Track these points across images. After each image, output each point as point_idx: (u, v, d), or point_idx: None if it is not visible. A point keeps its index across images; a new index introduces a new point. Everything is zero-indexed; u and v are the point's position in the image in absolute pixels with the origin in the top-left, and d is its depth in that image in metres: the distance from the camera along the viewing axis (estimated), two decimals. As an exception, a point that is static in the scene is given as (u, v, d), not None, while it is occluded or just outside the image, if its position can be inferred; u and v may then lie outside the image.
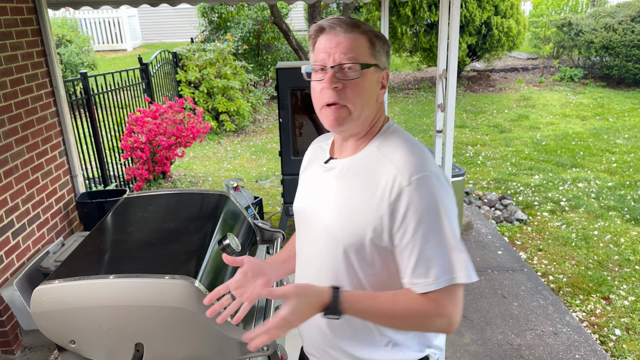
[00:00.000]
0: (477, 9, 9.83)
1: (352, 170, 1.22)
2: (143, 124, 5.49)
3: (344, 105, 1.17)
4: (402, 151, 1.17)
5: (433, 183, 1.12)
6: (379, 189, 1.14)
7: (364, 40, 1.18)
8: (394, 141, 1.21)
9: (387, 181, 1.14)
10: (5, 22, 3.04)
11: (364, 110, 1.19)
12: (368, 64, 1.17)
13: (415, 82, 11.42)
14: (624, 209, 4.89)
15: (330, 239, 1.21)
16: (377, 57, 1.19)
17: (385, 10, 3.89)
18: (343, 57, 1.15)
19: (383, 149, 1.20)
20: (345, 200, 1.20)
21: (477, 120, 8.48)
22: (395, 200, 1.12)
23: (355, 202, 1.17)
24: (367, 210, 1.15)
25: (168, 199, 2.15)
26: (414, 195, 1.10)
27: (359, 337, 1.25)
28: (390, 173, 1.14)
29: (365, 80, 1.17)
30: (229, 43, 8.56)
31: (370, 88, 1.19)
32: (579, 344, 3.02)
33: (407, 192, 1.11)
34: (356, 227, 1.16)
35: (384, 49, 1.21)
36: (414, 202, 1.10)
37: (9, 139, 3.02)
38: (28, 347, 3.11)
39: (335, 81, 1.15)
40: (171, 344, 1.52)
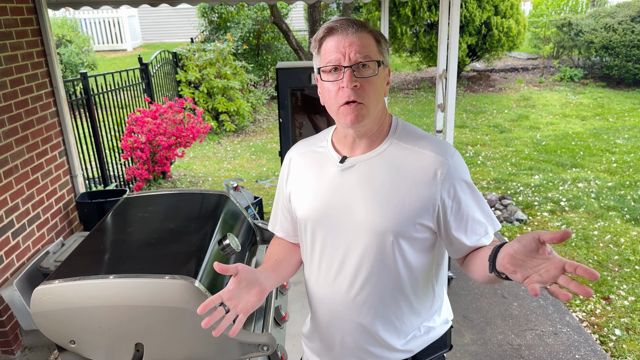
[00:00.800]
0: (477, 9, 9.83)
1: (379, 164, 1.26)
2: (143, 124, 5.49)
3: (362, 103, 1.21)
4: (425, 139, 1.28)
5: (461, 158, 1.29)
6: (422, 173, 1.23)
7: (372, 39, 1.22)
8: (411, 133, 1.30)
9: (429, 165, 1.23)
10: (5, 22, 3.04)
11: (377, 106, 1.25)
12: (379, 62, 1.22)
13: (415, 82, 11.42)
14: (624, 209, 4.89)
15: (373, 232, 1.24)
16: (383, 55, 1.24)
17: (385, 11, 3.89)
18: (359, 56, 1.19)
19: (404, 139, 1.28)
20: (384, 192, 1.24)
21: (477, 120, 8.48)
22: (445, 180, 1.22)
23: (397, 192, 1.23)
24: (414, 196, 1.22)
25: (168, 199, 2.15)
26: (457, 171, 1.24)
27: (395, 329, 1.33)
28: (429, 158, 1.23)
29: (378, 77, 1.22)
30: (229, 43, 8.56)
31: (381, 84, 1.24)
32: (579, 344, 3.02)
33: (452, 170, 1.23)
34: (405, 214, 1.22)
35: (386, 47, 1.27)
36: (459, 176, 1.24)
37: (9, 139, 3.02)
38: (28, 347, 3.11)
39: (354, 80, 1.19)
40: (171, 344, 1.52)
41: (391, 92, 10.71)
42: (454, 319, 3.26)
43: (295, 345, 3.02)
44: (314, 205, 1.32)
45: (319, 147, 1.38)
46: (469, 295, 3.55)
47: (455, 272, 3.82)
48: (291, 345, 3.01)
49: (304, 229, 1.36)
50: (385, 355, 1.35)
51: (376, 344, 1.33)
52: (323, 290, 1.34)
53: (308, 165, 1.37)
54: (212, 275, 1.58)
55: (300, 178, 1.38)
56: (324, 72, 1.23)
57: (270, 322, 1.67)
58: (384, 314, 1.30)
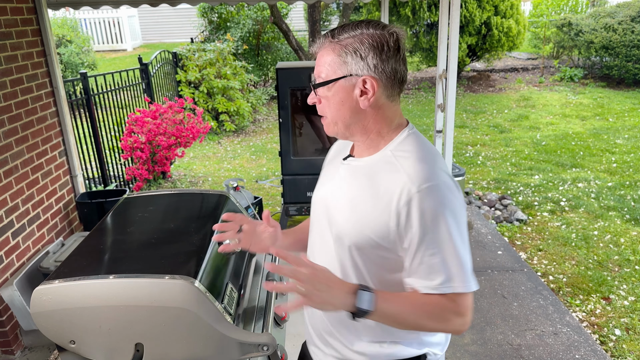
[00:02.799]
0: (477, 9, 9.83)
1: (364, 171, 1.25)
2: (143, 124, 5.49)
3: (325, 117, 1.26)
4: (414, 158, 1.19)
5: (442, 192, 1.14)
6: (388, 194, 1.16)
7: (331, 53, 1.20)
8: (409, 147, 1.22)
9: (397, 187, 1.16)
10: (5, 22, 3.04)
11: (339, 121, 1.23)
12: (329, 81, 1.20)
13: (415, 82, 11.43)
14: (623, 209, 4.89)
15: (337, 235, 1.25)
16: (349, 66, 1.18)
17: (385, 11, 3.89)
18: (315, 76, 1.23)
19: (397, 153, 1.22)
20: (354, 200, 1.23)
21: (477, 121, 8.48)
22: (403, 207, 1.14)
23: (364, 203, 1.20)
24: (374, 213, 1.18)
25: (168, 199, 2.15)
26: (422, 203, 1.13)
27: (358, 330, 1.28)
28: (401, 180, 1.16)
29: (333, 94, 1.21)
30: (228, 43, 8.56)
31: (339, 101, 1.21)
32: (578, 344, 3.02)
33: (415, 200, 1.13)
34: (361, 227, 1.19)
35: (360, 53, 1.17)
36: (422, 210, 1.13)
37: (9, 139, 3.02)
38: (28, 347, 3.11)
39: (313, 97, 1.26)
40: (171, 344, 1.52)
41: (391, 92, 10.70)
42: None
43: (295, 345, 3.02)
44: (316, 192, 1.39)
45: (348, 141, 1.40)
46: (469, 295, 3.55)
47: (455, 272, 3.82)
48: (291, 345, 3.01)
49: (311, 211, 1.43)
50: (339, 349, 1.33)
51: (332, 335, 1.33)
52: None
53: (335, 154, 1.43)
54: (212, 275, 1.58)
55: (328, 164, 1.44)
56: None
57: (270, 322, 1.67)
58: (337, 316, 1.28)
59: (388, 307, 1.14)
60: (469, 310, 1.18)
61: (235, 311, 1.63)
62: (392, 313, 1.15)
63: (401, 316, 1.16)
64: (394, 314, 1.15)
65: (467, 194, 5.40)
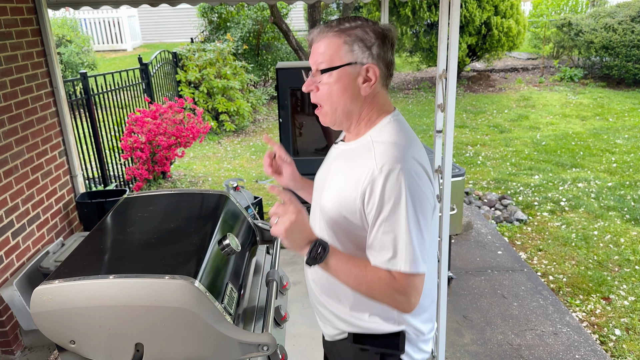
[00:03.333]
0: (477, 9, 9.83)
1: (346, 155, 1.36)
2: (143, 124, 5.49)
3: (321, 105, 1.32)
4: (387, 143, 1.27)
5: (403, 176, 1.21)
6: (358, 175, 1.26)
7: (336, 41, 1.25)
8: (386, 133, 1.30)
9: (366, 169, 1.25)
10: (5, 22, 3.04)
11: (338, 108, 1.30)
12: (334, 67, 1.26)
13: (415, 82, 11.43)
14: (623, 209, 4.89)
15: (321, 210, 1.37)
16: (355, 54, 1.25)
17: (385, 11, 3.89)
18: (314, 63, 1.28)
19: (375, 139, 1.30)
20: (334, 180, 1.35)
21: (477, 121, 8.49)
22: (366, 187, 1.24)
23: (340, 183, 1.31)
24: (346, 192, 1.28)
25: (168, 199, 2.15)
26: (383, 184, 1.21)
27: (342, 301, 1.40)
28: (370, 162, 1.25)
29: (336, 81, 1.27)
30: (228, 43, 8.56)
31: (342, 87, 1.27)
32: (578, 344, 3.02)
33: (378, 181, 1.22)
34: (337, 205, 1.31)
35: (367, 44, 1.25)
36: (382, 190, 1.21)
37: (9, 139, 3.02)
38: (28, 347, 3.11)
39: (310, 84, 1.30)
40: (171, 344, 1.52)
41: (391, 93, 10.71)
42: (455, 319, 3.26)
43: (295, 345, 3.02)
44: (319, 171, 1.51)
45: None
46: (469, 295, 3.55)
47: (455, 272, 3.82)
48: (291, 345, 3.01)
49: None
50: (329, 318, 1.46)
51: (324, 304, 1.46)
52: None
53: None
54: (212, 275, 1.58)
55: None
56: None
57: (270, 322, 1.66)
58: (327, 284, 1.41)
59: (336, 264, 1.26)
60: (414, 291, 1.24)
61: (235, 311, 1.63)
62: (339, 270, 1.26)
63: (347, 276, 1.26)
64: (341, 271, 1.26)
65: (467, 194, 5.40)
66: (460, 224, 4.27)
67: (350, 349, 1.44)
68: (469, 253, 4.14)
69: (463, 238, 4.39)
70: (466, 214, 4.75)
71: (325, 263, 1.26)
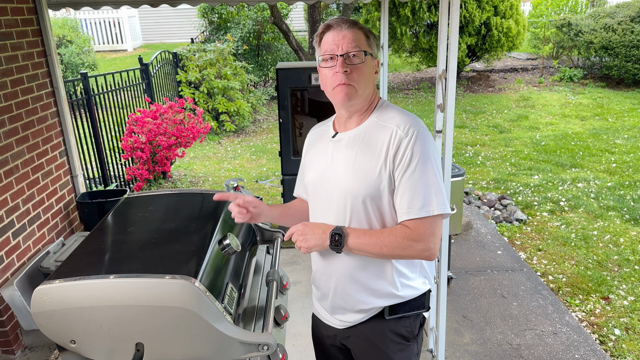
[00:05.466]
0: (476, 9, 9.83)
1: (358, 138, 1.51)
2: (143, 124, 5.50)
3: (351, 85, 1.47)
4: (398, 115, 1.50)
5: (424, 136, 1.45)
6: (384, 145, 1.45)
7: (362, 34, 1.49)
8: (390, 111, 1.53)
9: (389, 137, 1.45)
10: (6, 23, 3.04)
11: (366, 89, 1.50)
12: (367, 52, 1.48)
13: (415, 83, 11.43)
14: (623, 209, 4.89)
15: (349, 194, 1.48)
16: (372, 48, 1.51)
17: (384, 11, 3.89)
18: (350, 47, 1.45)
19: (382, 117, 1.51)
20: (357, 161, 1.48)
21: (477, 121, 8.49)
22: (397, 148, 1.43)
23: (365, 160, 1.47)
24: (375, 164, 1.45)
25: (168, 199, 2.16)
26: (410, 143, 1.42)
27: (381, 278, 1.54)
28: (391, 131, 1.46)
29: (366, 65, 1.48)
30: (229, 43, 8.56)
31: (369, 72, 1.50)
32: (578, 344, 3.03)
33: (405, 141, 1.43)
34: (369, 179, 1.45)
35: (375, 42, 1.54)
36: (410, 148, 1.42)
37: (10, 139, 3.02)
38: (28, 347, 3.11)
39: (345, 65, 1.46)
40: (171, 343, 1.52)
41: (391, 93, 10.72)
42: (454, 319, 3.27)
43: (295, 345, 3.02)
44: (313, 172, 1.62)
45: (325, 126, 1.68)
46: (469, 295, 3.56)
47: (455, 272, 3.83)
48: (291, 345, 3.02)
49: (308, 192, 1.67)
50: (366, 299, 1.56)
51: (359, 289, 1.55)
52: None
53: (316, 140, 1.68)
54: (212, 275, 1.59)
55: (310, 151, 1.69)
56: (323, 61, 1.49)
57: (270, 322, 1.67)
58: (363, 264, 1.52)
59: (356, 240, 1.45)
60: (432, 236, 1.42)
61: (236, 311, 1.63)
62: (359, 244, 1.45)
63: (368, 246, 1.45)
64: (362, 244, 1.45)
65: (466, 194, 5.41)
66: (459, 224, 4.27)
67: (380, 324, 1.58)
68: (468, 253, 4.14)
69: (463, 238, 4.39)
70: (466, 214, 4.76)
71: (346, 245, 1.45)
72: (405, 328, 1.60)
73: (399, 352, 1.60)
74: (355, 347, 1.67)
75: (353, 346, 1.67)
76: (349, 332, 1.65)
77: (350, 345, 1.68)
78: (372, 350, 1.62)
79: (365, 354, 1.65)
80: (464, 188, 4.58)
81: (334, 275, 1.58)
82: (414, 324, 1.61)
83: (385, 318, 1.57)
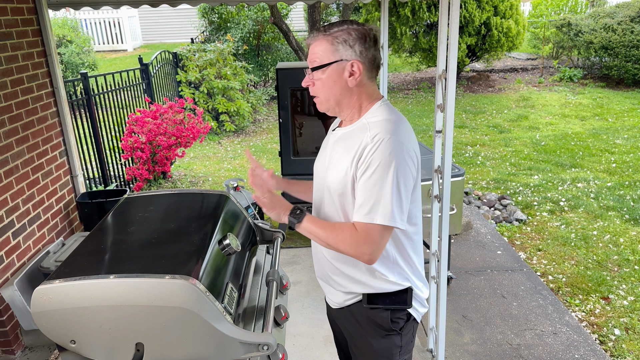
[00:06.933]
0: (476, 9, 9.83)
1: (344, 137, 1.59)
2: (143, 124, 5.50)
3: (317, 96, 1.57)
4: (380, 119, 1.52)
5: (391, 145, 1.44)
6: (356, 147, 1.50)
7: (324, 43, 1.51)
8: (378, 113, 1.55)
9: (361, 140, 1.49)
10: (6, 23, 3.04)
11: (331, 98, 1.55)
12: (323, 65, 1.51)
13: (415, 83, 11.43)
14: (623, 209, 4.90)
15: (327, 187, 1.59)
16: (340, 53, 1.50)
17: (384, 11, 3.89)
18: (311, 61, 1.53)
19: (369, 119, 1.54)
20: (336, 159, 1.57)
21: (477, 121, 8.49)
22: (361, 153, 1.47)
23: (342, 159, 1.54)
24: (346, 164, 1.51)
25: (168, 199, 2.16)
26: (372, 150, 1.45)
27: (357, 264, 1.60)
28: (365, 135, 1.50)
29: (327, 76, 1.52)
30: (229, 43, 8.56)
31: (332, 81, 1.52)
32: (578, 344, 3.03)
33: (368, 147, 1.46)
34: (340, 177, 1.53)
35: (349, 43, 1.49)
36: (371, 155, 1.45)
37: (10, 139, 3.03)
38: (28, 347, 3.11)
39: (308, 80, 1.56)
40: (171, 343, 1.52)
41: (391, 93, 10.72)
42: (454, 319, 3.27)
43: (295, 345, 3.03)
44: (317, 159, 1.73)
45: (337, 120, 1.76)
46: (469, 295, 3.56)
47: (455, 272, 3.83)
48: (291, 345, 3.02)
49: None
50: (342, 282, 1.66)
51: (337, 273, 1.66)
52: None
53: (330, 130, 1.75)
54: (212, 275, 1.59)
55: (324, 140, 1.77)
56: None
57: (270, 322, 1.67)
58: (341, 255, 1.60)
59: (308, 225, 1.55)
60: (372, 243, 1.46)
61: (236, 311, 1.63)
62: (312, 228, 1.55)
63: (318, 232, 1.54)
64: (313, 229, 1.55)
65: (466, 194, 5.41)
66: (459, 224, 4.27)
67: (362, 310, 1.66)
68: (468, 253, 4.15)
69: (462, 238, 4.39)
70: (466, 214, 4.76)
71: (299, 224, 1.55)
72: (382, 319, 1.64)
73: (380, 338, 1.67)
74: (343, 328, 1.79)
75: (342, 327, 1.79)
76: (338, 313, 1.77)
77: (340, 326, 1.81)
78: (355, 332, 1.72)
79: (350, 336, 1.76)
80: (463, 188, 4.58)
81: (319, 258, 1.72)
82: (394, 317, 1.65)
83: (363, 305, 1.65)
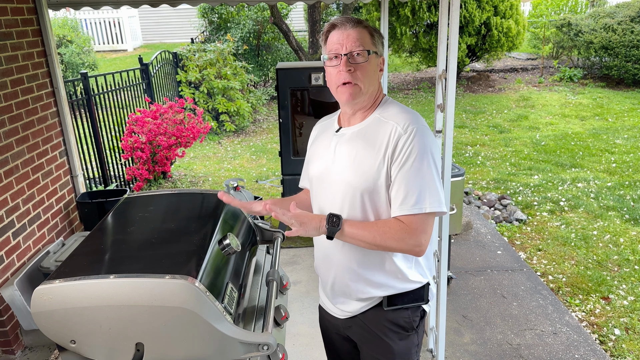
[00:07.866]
0: (476, 9, 9.83)
1: (360, 134, 1.56)
2: (143, 124, 5.50)
3: (356, 84, 1.51)
4: (399, 113, 1.54)
5: (423, 133, 1.48)
6: (383, 141, 1.49)
7: (366, 33, 1.52)
8: (392, 108, 1.57)
9: (389, 133, 1.49)
10: (6, 23, 3.04)
11: (370, 87, 1.54)
12: (371, 51, 1.51)
13: (415, 83, 11.43)
14: (623, 209, 4.90)
15: (349, 187, 1.53)
16: (377, 46, 1.54)
17: (384, 11, 3.89)
18: (353, 46, 1.49)
19: (384, 114, 1.55)
20: (357, 156, 1.53)
21: (477, 121, 8.49)
22: (395, 145, 1.47)
23: (365, 155, 1.51)
24: (374, 160, 1.49)
25: (168, 199, 2.16)
26: (408, 140, 1.46)
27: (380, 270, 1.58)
28: (391, 127, 1.50)
29: (370, 63, 1.51)
30: (229, 43, 8.56)
31: (373, 70, 1.53)
32: (578, 344, 3.03)
33: (403, 138, 1.47)
34: (368, 174, 1.50)
35: (380, 41, 1.56)
36: (408, 145, 1.45)
37: (10, 139, 3.03)
38: (28, 347, 3.11)
39: (349, 64, 1.50)
40: (171, 343, 1.52)
41: (391, 93, 10.72)
42: (454, 319, 3.27)
43: (295, 345, 3.03)
44: (317, 165, 1.66)
45: (331, 120, 1.73)
46: (469, 295, 3.56)
47: (455, 272, 3.83)
48: (291, 345, 3.02)
49: (312, 185, 1.70)
50: (364, 289, 1.61)
51: (358, 280, 1.60)
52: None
53: (320, 133, 1.73)
54: (212, 275, 1.59)
55: (314, 143, 1.73)
56: (328, 59, 1.53)
57: (270, 322, 1.67)
58: (361, 256, 1.57)
59: (350, 228, 1.48)
60: (423, 233, 1.46)
61: (236, 311, 1.63)
62: (354, 232, 1.48)
63: (362, 235, 1.48)
64: (356, 233, 1.48)
65: (466, 194, 5.41)
66: (459, 224, 4.27)
67: (381, 314, 1.63)
68: (468, 253, 4.14)
69: (463, 238, 4.39)
70: (466, 214, 4.76)
71: (341, 231, 1.47)
72: (404, 319, 1.63)
73: (399, 341, 1.64)
74: (357, 337, 1.72)
75: (355, 336, 1.72)
76: (350, 322, 1.71)
77: (352, 335, 1.73)
78: (373, 339, 1.66)
79: (367, 343, 1.69)
80: (463, 188, 4.58)
81: (334, 267, 1.64)
82: (413, 316, 1.65)
83: (384, 309, 1.61)
